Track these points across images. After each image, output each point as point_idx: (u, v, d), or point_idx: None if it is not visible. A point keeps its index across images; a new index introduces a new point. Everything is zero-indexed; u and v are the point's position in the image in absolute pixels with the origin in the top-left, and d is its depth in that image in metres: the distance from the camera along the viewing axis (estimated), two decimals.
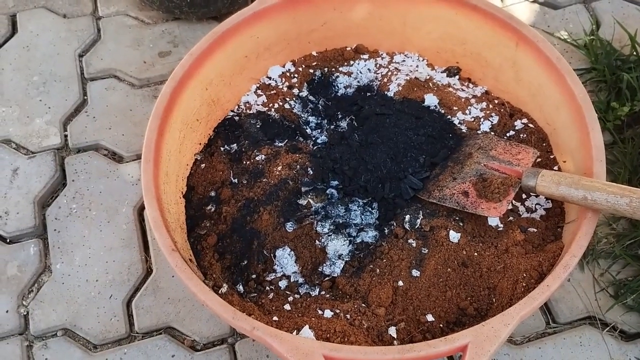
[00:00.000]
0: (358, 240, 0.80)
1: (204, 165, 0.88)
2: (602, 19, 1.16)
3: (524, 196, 0.84)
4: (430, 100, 0.91)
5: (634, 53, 1.07)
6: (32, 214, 0.94)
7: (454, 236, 0.77)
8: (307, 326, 0.70)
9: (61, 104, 1.06)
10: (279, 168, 0.84)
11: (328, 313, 0.72)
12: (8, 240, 0.93)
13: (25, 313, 0.87)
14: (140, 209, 0.96)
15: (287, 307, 0.75)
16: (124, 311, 0.87)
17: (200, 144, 0.90)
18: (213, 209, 0.84)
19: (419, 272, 0.75)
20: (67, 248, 0.92)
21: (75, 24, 1.16)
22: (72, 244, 0.92)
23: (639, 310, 0.85)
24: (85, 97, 1.07)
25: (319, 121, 0.92)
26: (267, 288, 0.77)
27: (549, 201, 0.83)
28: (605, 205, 0.69)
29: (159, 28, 1.16)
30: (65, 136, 1.03)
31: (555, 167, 0.85)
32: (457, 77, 0.97)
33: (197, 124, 0.89)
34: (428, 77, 0.95)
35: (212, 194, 0.85)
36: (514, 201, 0.83)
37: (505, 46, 0.90)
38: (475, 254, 0.76)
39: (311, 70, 0.97)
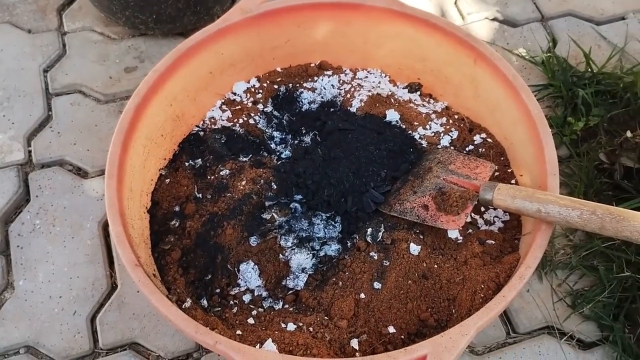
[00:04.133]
0: (321, 253, 0.81)
1: (168, 180, 0.89)
2: (559, 37, 1.19)
3: (482, 209, 0.86)
4: (392, 115, 0.93)
5: (589, 70, 1.10)
6: None
7: (415, 249, 0.78)
8: (270, 339, 0.70)
9: (25, 119, 1.05)
10: (243, 183, 0.85)
11: (291, 326, 0.73)
12: None
13: None
14: (105, 225, 0.95)
15: (251, 320, 0.75)
16: (88, 327, 0.86)
17: (164, 159, 0.91)
18: (177, 224, 0.84)
19: (380, 285, 0.76)
20: (30, 264, 0.91)
21: (40, 39, 1.16)
22: (35, 260, 0.92)
23: (595, 319, 0.88)
24: (50, 113, 1.07)
25: (283, 136, 0.93)
26: (231, 302, 0.78)
27: (507, 214, 0.85)
28: (558, 217, 0.72)
29: (125, 43, 1.16)
30: (29, 152, 1.02)
31: (513, 181, 0.88)
32: (418, 93, 0.99)
33: (162, 140, 0.89)
34: (390, 93, 0.97)
35: (177, 209, 0.86)
36: (473, 214, 0.85)
37: (464, 63, 0.92)
38: (435, 266, 0.78)
39: (276, 86, 0.98)
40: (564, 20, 1.22)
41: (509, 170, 0.89)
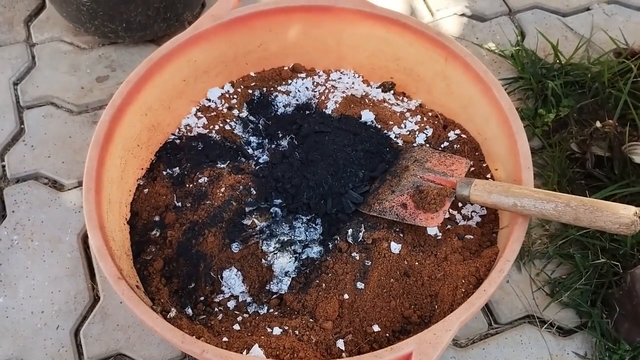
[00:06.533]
0: (303, 256, 0.81)
1: (146, 190, 0.88)
2: (527, 30, 1.21)
3: (460, 205, 0.87)
4: (367, 116, 0.94)
5: (557, 61, 1.12)
6: None
7: (395, 247, 0.79)
8: (256, 345, 0.71)
9: None
10: (222, 189, 0.85)
11: (277, 330, 0.74)
12: None
13: None
14: (85, 237, 0.95)
15: (237, 327, 0.76)
16: (72, 341, 0.86)
17: (142, 169, 0.90)
18: (158, 233, 0.84)
19: (363, 285, 0.77)
20: (9, 281, 0.90)
21: (8, 52, 1.14)
22: (14, 276, 0.91)
23: (573, 306, 0.90)
24: (22, 126, 1.06)
25: (260, 141, 0.93)
26: (216, 309, 0.78)
27: (484, 208, 0.87)
28: (534, 210, 0.73)
29: (96, 53, 1.15)
30: (3, 166, 1.01)
31: (488, 175, 0.89)
32: (392, 92, 1.00)
33: (138, 150, 0.89)
34: (364, 94, 0.98)
35: (157, 218, 0.86)
36: (450, 210, 0.86)
37: (435, 61, 0.94)
38: (416, 263, 0.79)
39: (250, 91, 0.98)
40: (531, 13, 1.24)
41: (484, 165, 0.90)
